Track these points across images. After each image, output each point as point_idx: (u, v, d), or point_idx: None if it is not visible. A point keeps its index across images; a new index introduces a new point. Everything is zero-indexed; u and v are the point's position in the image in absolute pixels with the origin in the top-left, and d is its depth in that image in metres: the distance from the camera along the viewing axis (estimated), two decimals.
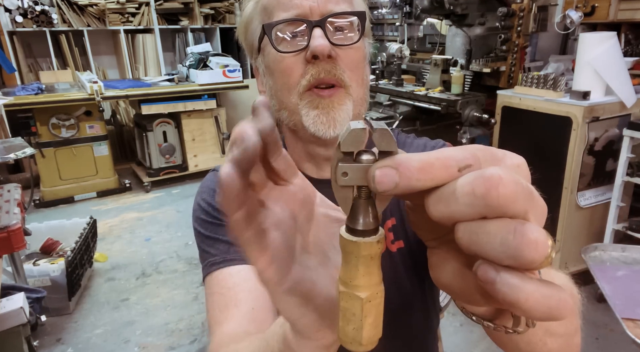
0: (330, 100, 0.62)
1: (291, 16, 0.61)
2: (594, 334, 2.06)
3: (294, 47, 0.62)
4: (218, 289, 0.64)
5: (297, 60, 0.62)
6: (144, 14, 4.44)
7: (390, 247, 0.70)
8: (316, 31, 0.60)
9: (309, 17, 0.61)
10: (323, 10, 0.61)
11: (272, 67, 0.65)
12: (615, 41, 2.13)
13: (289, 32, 0.62)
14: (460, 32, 2.80)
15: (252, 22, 0.67)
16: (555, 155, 2.25)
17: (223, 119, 4.15)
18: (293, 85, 0.63)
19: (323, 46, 0.59)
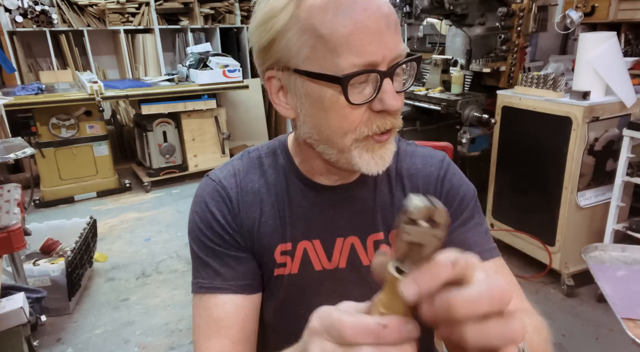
0: (385, 144, 0.62)
1: (364, 64, 0.56)
2: (594, 334, 2.05)
3: (362, 97, 0.58)
4: (204, 315, 0.69)
5: (362, 109, 0.59)
6: (144, 14, 4.44)
7: None
8: (387, 84, 0.57)
9: (379, 65, 0.57)
10: (393, 56, 0.57)
11: (325, 105, 0.59)
12: (615, 41, 2.14)
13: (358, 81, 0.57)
14: (460, 32, 2.80)
15: (286, 33, 0.58)
16: (555, 155, 2.25)
17: (223, 119, 4.15)
18: (351, 130, 0.60)
19: (399, 106, 0.59)
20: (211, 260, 0.71)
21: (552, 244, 2.34)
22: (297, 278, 0.71)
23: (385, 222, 0.73)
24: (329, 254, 0.71)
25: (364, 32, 0.54)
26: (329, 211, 0.71)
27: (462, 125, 2.52)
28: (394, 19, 0.58)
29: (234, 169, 0.74)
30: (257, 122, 5.12)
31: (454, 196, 0.73)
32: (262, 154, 0.75)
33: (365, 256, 0.72)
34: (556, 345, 2.00)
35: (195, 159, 4.11)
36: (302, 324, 0.65)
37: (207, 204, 0.71)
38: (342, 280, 0.72)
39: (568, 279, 2.33)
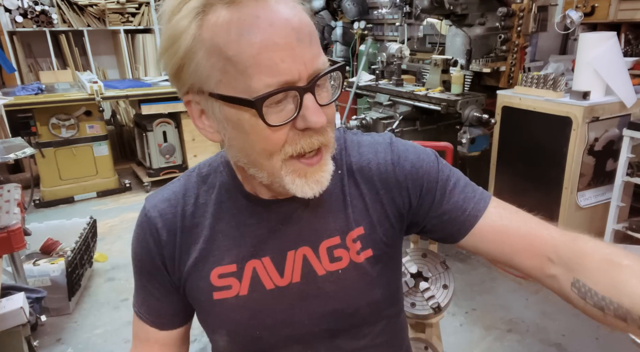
0: (319, 166, 0.59)
1: (278, 83, 0.52)
2: (594, 334, 2.06)
3: (283, 118, 0.54)
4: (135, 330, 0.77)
5: (285, 129, 0.55)
6: (144, 14, 4.44)
7: (357, 258, 0.68)
8: (308, 100, 0.54)
9: (296, 82, 0.53)
10: (310, 70, 0.53)
11: (245, 128, 0.55)
12: (615, 41, 2.14)
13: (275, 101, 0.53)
14: (460, 32, 2.80)
15: (193, 57, 0.53)
16: (555, 155, 2.25)
17: None
18: (275, 151, 0.56)
19: (322, 122, 0.54)
20: (140, 289, 0.74)
21: None
22: (247, 299, 0.67)
23: (339, 226, 0.68)
24: (281, 270, 0.67)
25: (273, 50, 0.50)
26: (278, 225, 0.67)
27: (462, 125, 2.52)
28: (307, 30, 0.53)
29: (168, 193, 0.71)
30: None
31: (417, 173, 0.69)
32: (203, 173, 0.71)
33: (319, 266, 0.67)
34: (556, 345, 2.00)
35: (195, 159, 4.10)
36: (263, 344, 0.69)
37: (138, 235, 0.71)
38: (298, 294, 0.68)
39: None
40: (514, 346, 2.00)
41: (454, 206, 0.68)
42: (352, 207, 0.69)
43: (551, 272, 0.63)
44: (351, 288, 0.68)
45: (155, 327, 0.74)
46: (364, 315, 0.70)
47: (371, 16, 4.52)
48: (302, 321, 0.68)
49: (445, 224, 0.69)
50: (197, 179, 0.71)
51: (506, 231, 0.66)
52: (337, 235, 0.68)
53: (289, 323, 0.68)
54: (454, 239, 0.69)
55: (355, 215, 0.69)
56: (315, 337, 0.70)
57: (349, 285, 0.68)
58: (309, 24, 0.54)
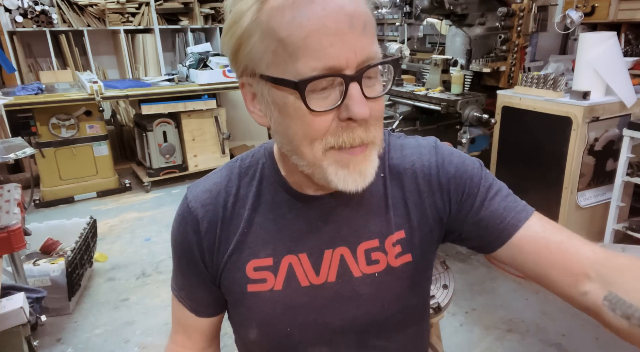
0: (363, 157, 0.57)
1: (324, 68, 0.51)
2: (594, 334, 2.05)
3: (326, 104, 0.53)
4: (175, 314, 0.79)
5: (329, 117, 0.54)
6: (144, 14, 4.44)
7: (394, 262, 0.68)
8: (353, 89, 0.53)
9: (344, 70, 0.52)
10: (360, 59, 0.52)
11: (289, 112, 0.55)
12: (615, 41, 2.14)
13: (320, 87, 0.53)
14: (460, 32, 2.80)
15: (250, 38, 0.55)
16: (555, 155, 2.25)
17: (223, 119, 4.15)
18: (317, 138, 0.55)
19: (364, 113, 0.53)
20: (179, 274, 0.75)
21: None
22: (281, 295, 0.67)
23: (379, 228, 0.67)
24: (317, 268, 0.67)
25: (322, 34, 0.50)
26: (317, 223, 0.67)
27: (462, 125, 2.52)
28: (363, 19, 0.52)
29: (210, 185, 0.71)
30: (256, 123, 5.11)
31: (461, 177, 0.68)
32: (245, 164, 0.71)
33: (356, 267, 0.67)
34: (556, 345, 2.00)
35: (195, 159, 4.10)
36: (292, 341, 0.69)
37: (179, 224, 0.72)
38: (332, 295, 0.67)
39: None
40: (514, 346, 2.00)
41: (493, 213, 0.66)
42: (394, 209, 0.68)
43: (585, 288, 0.60)
44: (386, 292, 0.68)
45: (192, 313, 0.76)
46: (396, 320, 0.70)
47: None
48: (333, 321, 0.68)
49: (483, 232, 0.67)
50: (239, 171, 0.71)
51: (547, 244, 0.64)
52: (377, 238, 0.67)
53: (321, 322, 0.68)
54: (490, 248, 0.67)
55: (397, 218, 0.68)
56: (344, 339, 0.69)
57: (384, 289, 0.68)
58: (365, 13, 0.53)
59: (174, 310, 0.79)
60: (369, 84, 0.55)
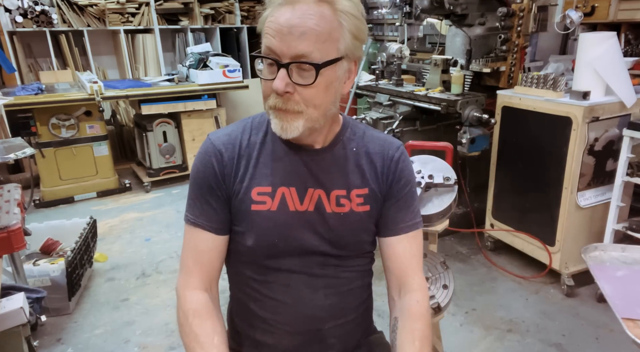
0: (285, 117, 0.84)
1: (268, 51, 0.81)
2: (594, 334, 2.06)
3: (267, 76, 0.83)
4: (192, 245, 0.96)
5: (269, 84, 0.83)
6: (144, 14, 4.44)
7: (356, 208, 0.95)
8: (281, 71, 0.80)
9: (280, 57, 0.80)
10: (293, 53, 0.79)
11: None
12: (615, 41, 2.13)
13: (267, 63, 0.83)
14: (460, 32, 2.80)
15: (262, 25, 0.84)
16: (555, 155, 2.25)
17: (223, 119, 4.15)
18: (265, 98, 0.86)
19: (277, 87, 0.80)
20: (199, 202, 0.94)
21: (552, 244, 2.34)
22: (275, 214, 0.92)
23: (349, 183, 0.94)
24: (302, 199, 0.93)
25: (274, 29, 0.79)
26: (304, 167, 0.93)
27: (462, 125, 2.52)
28: (302, 30, 0.78)
29: (229, 131, 0.97)
30: None
31: (400, 176, 0.97)
32: (256, 121, 0.98)
33: (328, 206, 0.94)
34: (556, 345, 2.00)
35: None
36: (277, 248, 0.94)
37: (203, 158, 0.94)
38: (310, 220, 0.93)
39: (568, 279, 2.33)
40: (514, 346, 2.00)
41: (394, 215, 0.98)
42: (361, 173, 0.96)
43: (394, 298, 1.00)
44: (347, 227, 0.94)
45: (212, 232, 0.94)
46: (350, 249, 0.97)
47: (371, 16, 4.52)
48: (308, 239, 0.93)
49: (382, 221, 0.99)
50: (252, 125, 0.98)
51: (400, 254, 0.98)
52: (345, 189, 0.94)
53: (299, 238, 0.93)
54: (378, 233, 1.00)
55: (363, 179, 0.95)
56: (311, 256, 0.94)
57: (346, 224, 0.94)
58: (309, 26, 0.78)
59: (190, 240, 0.96)
60: (302, 74, 0.81)
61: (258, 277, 0.95)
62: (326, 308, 0.95)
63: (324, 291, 0.95)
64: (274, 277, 0.94)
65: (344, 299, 0.98)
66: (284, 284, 0.94)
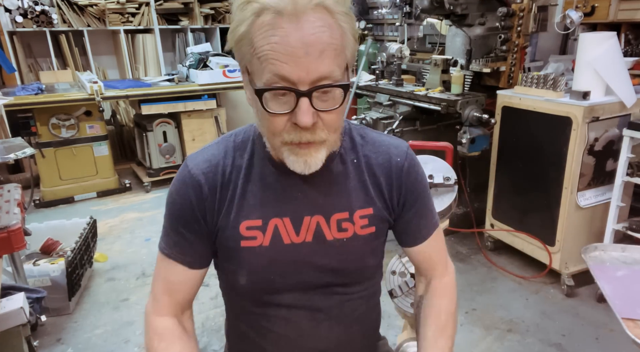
0: (308, 151, 0.72)
1: (279, 81, 0.66)
2: (594, 334, 2.06)
3: (281, 108, 0.68)
4: (163, 273, 0.87)
5: (283, 118, 0.69)
6: (144, 14, 4.44)
7: (360, 231, 0.84)
8: (303, 102, 0.66)
9: (297, 85, 0.66)
10: (314, 77, 0.65)
11: (258, 108, 0.71)
12: (615, 41, 2.13)
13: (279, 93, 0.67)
14: (460, 32, 2.80)
15: (242, 41, 0.68)
16: (555, 155, 2.25)
17: (223, 119, 4.15)
18: (277, 135, 0.71)
19: (306, 122, 0.67)
20: (173, 233, 0.84)
21: (552, 244, 2.34)
22: (268, 250, 0.82)
23: (351, 204, 0.83)
24: (297, 230, 0.82)
25: (281, 53, 0.64)
26: (298, 193, 0.82)
27: (462, 125, 2.52)
28: (321, 47, 0.64)
29: (209, 155, 0.84)
30: None
31: (413, 186, 0.87)
32: (239, 140, 0.85)
33: (329, 232, 0.83)
34: (556, 345, 2.00)
35: None
36: (275, 285, 0.85)
37: (179, 188, 0.83)
38: (308, 252, 0.83)
39: (568, 279, 2.33)
40: (514, 346, 2.00)
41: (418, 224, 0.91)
42: (365, 190, 0.84)
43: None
44: (351, 254, 0.84)
45: (185, 266, 0.85)
46: (356, 275, 0.88)
47: (371, 16, 4.52)
48: (308, 272, 0.84)
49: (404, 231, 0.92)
50: (234, 145, 0.85)
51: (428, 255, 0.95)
52: (347, 211, 0.83)
53: (298, 273, 0.83)
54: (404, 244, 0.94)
55: (366, 198, 0.84)
56: (315, 288, 0.85)
57: (350, 251, 0.84)
58: (326, 42, 0.65)
59: (162, 270, 0.87)
60: (323, 98, 0.68)
61: (257, 310, 0.87)
62: (331, 340, 0.89)
63: (327, 323, 0.87)
64: (274, 311, 0.86)
65: (350, 329, 0.90)
66: (285, 318, 0.87)
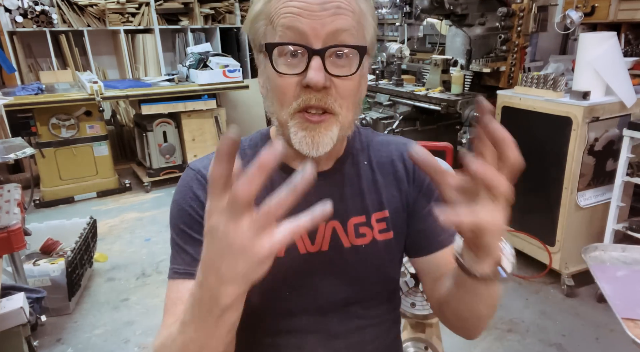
0: (318, 126, 0.65)
1: (293, 36, 0.61)
2: (594, 334, 2.06)
3: (291, 69, 0.63)
4: (174, 298, 0.70)
5: (292, 81, 0.63)
6: (144, 14, 4.44)
7: (378, 236, 0.77)
8: (315, 61, 0.61)
9: (310, 41, 0.61)
10: (328, 31, 0.61)
11: (270, 79, 0.66)
12: (615, 41, 2.13)
13: (289, 53, 0.63)
14: (460, 32, 2.80)
15: (258, 19, 0.66)
16: (555, 155, 2.25)
17: (223, 119, 4.15)
18: (286, 103, 0.65)
19: (317, 80, 0.61)
20: (189, 247, 0.74)
21: (552, 244, 2.34)
22: (283, 261, 0.71)
23: (367, 206, 0.77)
24: (312, 238, 0.75)
25: (296, 7, 0.60)
26: (311, 198, 0.71)
27: (462, 125, 2.52)
28: (337, 4, 0.61)
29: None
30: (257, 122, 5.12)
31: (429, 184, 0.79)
32: (245, 145, 0.79)
33: (346, 239, 0.76)
34: (556, 345, 2.00)
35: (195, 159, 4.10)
36: (289, 304, 0.76)
37: (187, 193, 0.74)
38: (325, 262, 0.75)
39: (568, 279, 2.33)
40: (514, 346, 2.00)
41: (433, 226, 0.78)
42: (378, 192, 0.78)
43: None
44: (370, 263, 0.76)
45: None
46: (375, 290, 0.79)
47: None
48: (324, 286, 0.75)
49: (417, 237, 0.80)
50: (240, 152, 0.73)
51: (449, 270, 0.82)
52: (364, 214, 0.76)
53: (314, 287, 0.75)
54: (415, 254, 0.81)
55: (381, 199, 0.78)
56: (331, 306, 0.76)
57: (369, 260, 0.76)
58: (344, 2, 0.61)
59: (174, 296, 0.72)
60: (338, 64, 0.63)
61: (265, 340, 0.78)
62: None
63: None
64: (285, 340, 0.77)
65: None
66: (297, 347, 0.77)
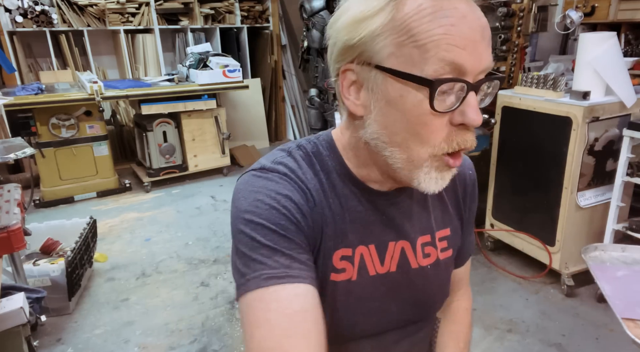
0: (455, 163, 0.59)
1: (452, 71, 0.52)
2: (594, 334, 2.06)
3: (445, 107, 0.54)
4: (281, 308, 0.55)
5: (444, 120, 0.55)
6: (144, 14, 4.44)
7: (441, 255, 0.75)
8: (472, 96, 0.54)
9: (467, 75, 0.53)
10: (481, 68, 0.54)
11: (405, 107, 0.55)
12: (615, 41, 2.13)
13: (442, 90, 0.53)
14: None
15: (380, 34, 0.54)
16: (555, 155, 2.25)
17: (223, 119, 4.15)
18: (431, 143, 0.56)
19: (479, 122, 0.54)
20: (285, 248, 0.59)
21: (552, 244, 2.34)
22: (355, 284, 0.67)
23: (432, 225, 0.74)
24: (382, 258, 0.69)
25: (459, 35, 0.51)
26: (382, 216, 0.69)
27: None
28: (489, 33, 0.55)
29: (290, 164, 0.65)
30: (257, 122, 5.12)
31: (474, 198, 0.81)
32: (310, 153, 0.67)
33: (414, 259, 0.72)
34: (556, 345, 2.00)
35: (195, 159, 4.11)
36: (352, 332, 0.72)
37: (279, 190, 0.61)
38: (393, 283, 0.71)
39: (568, 279, 2.33)
40: (514, 346, 2.00)
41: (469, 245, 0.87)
42: (443, 209, 0.76)
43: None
44: (434, 283, 0.75)
45: (311, 284, 0.59)
46: (435, 309, 0.79)
47: None
48: (391, 308, 0.71)
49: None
50: (306, 159, 0.67)
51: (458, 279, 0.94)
52: (429, 233, 0.73)
53: (381, 310, 0.71)
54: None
55: (444, 217, 0.76)
56: (390, 329, 0.73)
57: (433, 280, 0.74)
58: (489, 26, 0.56)
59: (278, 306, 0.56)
60: (487, 92, 0.59)
61: None
62: None
63: None
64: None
65: None
66: None
